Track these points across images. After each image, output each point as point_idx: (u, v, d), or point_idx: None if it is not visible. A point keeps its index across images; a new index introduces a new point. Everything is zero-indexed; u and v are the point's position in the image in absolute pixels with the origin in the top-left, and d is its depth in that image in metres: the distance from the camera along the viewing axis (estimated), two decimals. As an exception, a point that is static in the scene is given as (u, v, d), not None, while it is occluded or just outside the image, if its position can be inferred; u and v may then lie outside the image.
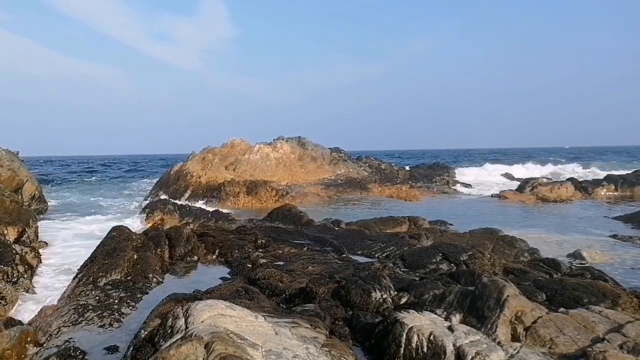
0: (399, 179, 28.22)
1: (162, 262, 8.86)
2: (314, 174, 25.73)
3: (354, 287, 6.01)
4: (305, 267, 7.92)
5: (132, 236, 9.34)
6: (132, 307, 6.46)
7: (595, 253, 9.54)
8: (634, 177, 24.82)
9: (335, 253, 9.44)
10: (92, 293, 6.84)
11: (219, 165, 24.71)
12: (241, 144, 26.93)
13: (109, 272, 7.59)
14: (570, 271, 8.02)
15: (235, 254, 9.21)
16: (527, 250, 9.80)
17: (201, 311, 4.11)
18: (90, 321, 5.82)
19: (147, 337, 4.49)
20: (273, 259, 8.80)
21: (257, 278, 7.18)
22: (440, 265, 8.19)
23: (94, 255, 8.36)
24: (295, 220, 13.31)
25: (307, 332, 4.37)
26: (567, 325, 4.41)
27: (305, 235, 11.21)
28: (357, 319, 5.40)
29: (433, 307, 5.20)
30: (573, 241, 11.24)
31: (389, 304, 5.80)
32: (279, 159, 25.82)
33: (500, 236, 10.73)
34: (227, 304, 4.40)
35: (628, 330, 4.23)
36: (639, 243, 10.82)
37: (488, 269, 7.87)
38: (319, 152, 27.71)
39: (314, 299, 6.08)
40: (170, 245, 9.54)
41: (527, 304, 4.75)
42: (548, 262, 8.44)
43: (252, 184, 21.80)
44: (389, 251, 9.56)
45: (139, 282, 7.42)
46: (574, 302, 5.74)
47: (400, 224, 12.77)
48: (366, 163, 30.14)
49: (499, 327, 4.41)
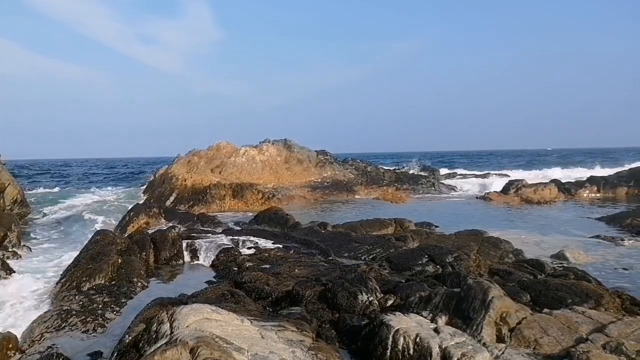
0: (385, 181, 28.29)
1: (147, 266, 8.79)
2: (300, 177, 25.69)
3: (340, 290, 6.01)
4: (291, 270, 7.90)
5: (117, 240, 9.25)
6: (117, 312, 6.40)
7: (578, 254, 9.64)
8: (615, 179, 25.11)
9: (321, 255, 9.44)
10: (75, 298, 6.76)
11: (204, 168, 24.58)
12: (227, 146, 26.81)
13: (93, 276, 7.51)
14: (554, 272, 8.10)
15: (221, 257, 9.17)
16: (511, 251, 9.87)
17: (186, 315, 4.08)
18: (73, 326, 5.76)
19: (132, 343, 4.44)
20: (259, 262, 8.77)
21: (243, 281, 7.15)
22: (426, 267, 8.22)
23: (78, 260, 8.27)
24: (281, 222, 13.28)
25: (294, 336, 4.36)
26: (551, 325, 4.45)
27: (291, 237, 11.19)
28: (344, 321, 5.40)
29: (419, 309, 5.22)
30: (551, 242, 11.36)
31: (375, 307, 5.80)
32: (265, 161, 25.74)
33: (485, 237, 10.80)
34: (212, 308, 4.38)
35: (611, 330, 4.28)
36: (621, 243, 10.96)
37: (473, 270, 7.92)
38: (305, 155, 27.68)
39: (300, 302, 6.07)
40: (156, 249, 9.46)
41: (511, 305, 4.78)
42: (532, 263, 8.51)
43: (238, 187, 21.70)
44: (375, 253, 9.57)
45: (123, 287, 7.35)
46: (557, 302, 5.79)
47: (386, 226, 12.79)
48: (352, 165, 30.16)
49: (484, 328, 4.44)
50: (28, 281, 8.28)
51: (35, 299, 7.42)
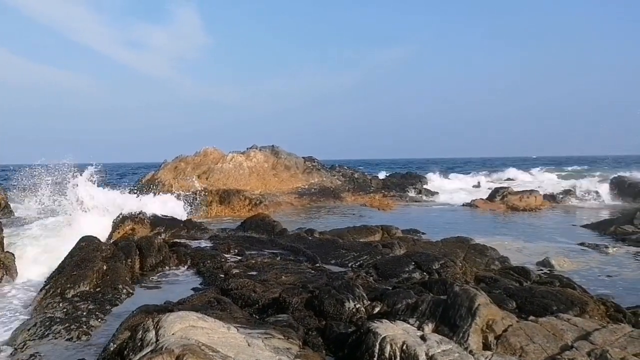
0: (372, 188, 28.39)
1: (132, 272, 8.71)
2: (287, 183, 25.66)
3: (327, 297, 6.00)
4: (278, 277, 7.87)
5: (102, 246, 9.15)
6: (101, 319, 6.33)
7: (563, 261, 9.73)
8: (600, 187, 25.47)
9: (308, 262, 9.42)
10: (59, 305, 6.67)
11: (191, 174, 24.43)
12: (214, 152, 26.69)
13: (78, 283, 7.42)
14: (539, 279, 8.17)
15: (207, 264, 9.11)
16: (497, 258, 9.94)
17: (172, 323, 4.05)
18: (57, 334, 5.68)
19: (117, 351, 4.39)
20: (246, 268, 8.72)
21: (230, 288, 7.11)
22: (413, 274, 8.24)
23: (62, 266, 8.16)
24: (268, 229, 13.22)
25: (280, 343, 4.34)
26: (537, 333, 4.48)
27: (278, 244, 11.16)
28: (331, 329, 5.38)
29: (406, 317, 5.22)
30: (536, 248, 11.48)
31: (362, 314, 5.80)
32: (253, 167, 25.67)
33: (471, 245, 10.86)
34: (199, 316, 4.35)
35: (596, 338, 4.32)
36: (605, 251, 11.09)
37: (460, 277, 7.95)
38: (293, 161, 27.67)
39: (287, 309, 6.05)
40: (141, 256, 9.37)
41: (497, 313, 4.81)
42: (518, 270, 8.57)
43: (225, 193, 21.61)
44: (362, 260, 9.57)
45: (108, 294, 7.27)
46: (543, 310, 5.83)
47: (373, 232, 12.80)
48: (339, 172, 30.22)
49: (471, 335, 4.46)
50: (12, 288, 8.16)
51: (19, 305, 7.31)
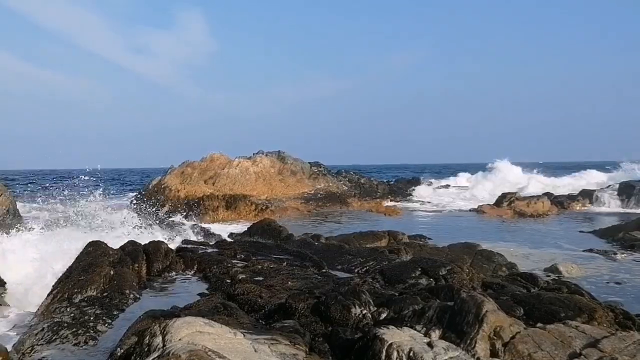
0: (378, 193, 28.38)
1: (139, 277, 8.72)
2: (293, 188, 25.70)
3: (333, 303, 5.98)
4: (284, 283, 7.87)
5: (109, 251, 9.18)
6: (108, 324, 6.34)
7: (571, 267, 9.67)
8: (608, 192, 25.30)
9: (314, 268, 9.41)
10: (67, 310, 6.69)
11: (198, 179, 24.54)
12: (220, 158, 26.80)
13: (85, 288, 7.44)
14: (547, 285, 8.11)
15: (214, 269, 9.12)
16: (505, 264, 9.89)
17: (179, 328, 4.05)
18: (64, 339, 5.69)
19: (124, 356, 4.40)
20: (252, 274, 8.72)
21: (236, 294, 7.11)
22: (419, 280, 8.20)
23: (70, 271, 8.20)
24: (274, 234, 13.24)
25: (287, 349, 4.33)
26: (544, 340, 4.45)
27: (284, 250, 11.15)
28: (337, 335, 5.37)
29: (412, 323, 5.20)
30: (544, 255, 11.41)
31: (368, 320, 5.78)
32: (259, 173, 25.74)
33: (478, 250, 10.81)
34: (205, 321, 4.35)
35: (604, 345, 4.28)
36: (613, 257, 11.01)
37: (467, 283, 7.91)
38: (299, 167, 27.71)
39: (293, 315, 6.03)
40: (148, 261, 9.39)
41: (505, 319, 4.78)
42: (526, 277, 8.51)
43: (231, 198, 21.69)
44: (369, 266, 9.55)
45: (115, 299, 7.29)
46: (551, 316, 5.78)
47: (379, 238, 12.78)
48: (346, 177, 30.24)
49: (478, 342, 4.43)
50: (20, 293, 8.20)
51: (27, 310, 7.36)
